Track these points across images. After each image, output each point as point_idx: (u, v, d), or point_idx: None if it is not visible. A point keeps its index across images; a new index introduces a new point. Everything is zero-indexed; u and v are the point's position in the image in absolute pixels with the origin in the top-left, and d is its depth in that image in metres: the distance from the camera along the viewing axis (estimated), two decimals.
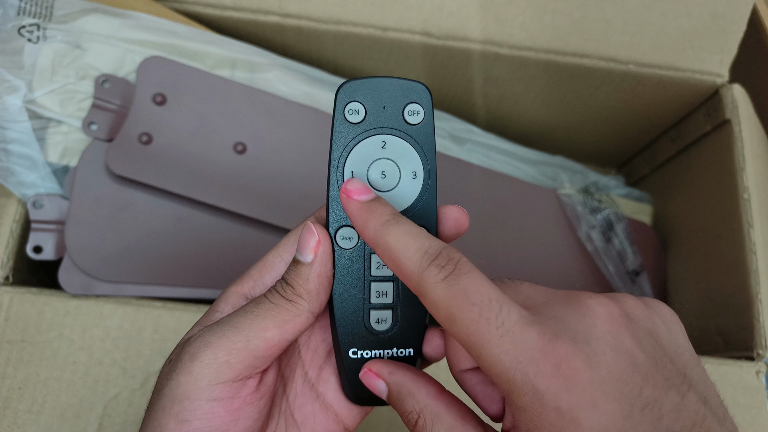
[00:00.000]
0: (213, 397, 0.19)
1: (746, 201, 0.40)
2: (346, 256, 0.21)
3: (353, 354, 0.21)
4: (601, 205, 0.50)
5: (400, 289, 0.21)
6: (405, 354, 0.21)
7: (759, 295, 0.38)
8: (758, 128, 0.45)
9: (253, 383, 0.20)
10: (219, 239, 0.40)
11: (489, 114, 0.52)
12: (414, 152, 0.21)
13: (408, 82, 0.21)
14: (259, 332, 0.19)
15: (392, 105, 0.21)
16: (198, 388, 0.19)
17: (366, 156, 0.21)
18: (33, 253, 0.37)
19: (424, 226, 0.20)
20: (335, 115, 0.21)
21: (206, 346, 0.19)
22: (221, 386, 0.19)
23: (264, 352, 0.19)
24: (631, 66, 0.44)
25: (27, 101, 0.37)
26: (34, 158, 0.37)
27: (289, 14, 0.42)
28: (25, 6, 0.37)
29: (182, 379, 0.19)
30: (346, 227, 0.21)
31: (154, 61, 0.40)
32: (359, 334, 0.21)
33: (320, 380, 0.23)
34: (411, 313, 0.21)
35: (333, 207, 0.21)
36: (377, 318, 0.21)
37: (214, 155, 0.40)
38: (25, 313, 0.35)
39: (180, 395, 0.19)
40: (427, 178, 0.21)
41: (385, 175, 0.21)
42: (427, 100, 0.21)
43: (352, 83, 0.21)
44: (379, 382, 0.20)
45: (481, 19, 0.42)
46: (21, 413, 0.33)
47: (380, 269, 0.21)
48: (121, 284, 0.37)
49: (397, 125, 0.21)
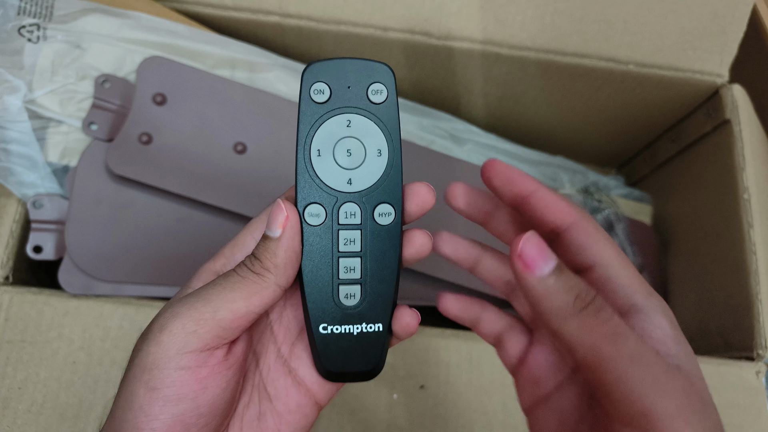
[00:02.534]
0: (181, 365, 0.19)
1: (746, 201, 0.40)
2: (315, 232, 0.21)
3: (323, 329, 0.22)
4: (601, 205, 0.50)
5: (369, 264, 0.22)
6: (374, 329, 0.22)
7: (759, 295, 0.38)
8: (758, 128, 0.45)
9: (220, 354, 0.20)
10: (219, 239, 0.40)
11: (489, 114, 0.52)
12: (378, 130, 0.22)
13: (371, 63, 0.22)
14: (226, 303, 0.20)
15: (356, 85, 0.22)
16: (166, 357, 0.19)
17: (332, 135, 0.22)
18: (33, 253, 0.37)
19: (389, 202, 0.22)
20: (301, 96, 0.21)
21: (174, 317, 0.20)
22: (189, 355, 0.19)
23: (231, 323, 0.20)
24: (632, 66, 0.44)
25: (27, 101, 0.37)
26: (34, 158, 0.37)
27: (289, 14, 0.42)
28: (25, 6, 0.37)
29: (152, 349, 0.19)
30: (313, 204, 0.21)
31: (154, 61, 0.40)
32: (329, 309, 0.22)
33: (293, 356, 0.23)
34: (379, 288, 0.22)
35: (301, 185, 0.21)
36: (346, 293, 0.22)
37: (214, 155, 0.40)
38: (25, 313, 0.35)
39: (149, 364, 0.19)
40: (392, 156, 0.22)
41: (351, 153, 0.22)
42: (390, 80, 0.22)
43: (317, 64, 0.21)
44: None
45: (482, 19, 0.42)
46: (20, 413, 0.33)
47: (348, 245, 0.22)
48: (120, 284, 0.37)
49: (361, 104, 0.22)
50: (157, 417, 0.19)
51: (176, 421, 0.19)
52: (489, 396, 0.36)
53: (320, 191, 0.22)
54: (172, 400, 0.19)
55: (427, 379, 0.37)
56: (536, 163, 0.52)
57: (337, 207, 0.22)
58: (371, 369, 0.22)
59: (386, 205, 0.22)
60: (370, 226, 0.22)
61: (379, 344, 0.22)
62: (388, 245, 0.22)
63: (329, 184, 0.22)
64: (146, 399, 0.19)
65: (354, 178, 0.22)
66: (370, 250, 0.22)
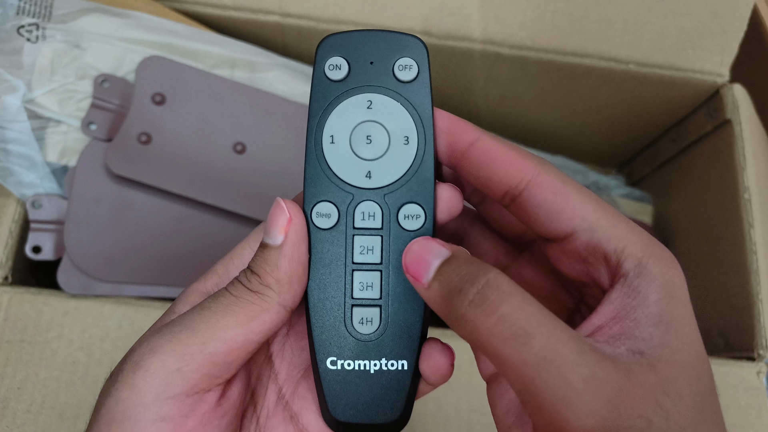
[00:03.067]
0: (160, 416, 0.15)
1: (747, 201, 0.40)
2: (324, 238, 0.17)
3: (332, 364, 0.17)
4: None
5: (391, 280, 0.17)
6: (397, 367, 0.17)
7: (759, 295, 0.38)
8: (759, 128, 0.45)
9: (212, 398, 0.16)
10: (218, 239, 0.40)
11: (489, 114, 0.52)
12: (406, 113, 0.18)
13: (399, 35, 0.18)
14: (217, 332, 0.16)
15: (381, 60, 0.18)
16: (141, 404, 0.15)
17: (348, 118, 0.18)
18: (32, 253, 0.37)
19: (418, 202, 0.17)
20: (314, 73, 0.18)
21: (152, 353, 0.15)
22: (171, 402, 0.15)
23: (225, 356, 0.16)
24: (632, 66, 0.43)
25: (26, 101, 0.37)
26: (33, 158, 0.37)
27: (289, 14, 0.42)
28: (24, 5, 0.37)
29: (123, 395, 0.15)
30: (324, 202, 0.17)
31: (153, 60, 0.39)
32: (339, 338, 0.17)
33: (296, 398, 0.19)
34: (404, 312, 0.17)
35: (309, 179, 0.18)
36: (361, 317, 0.17)
37: (214, 155, 0.40)
38: (24, 313, 0.35)
39: (119, 415, 0.15)
40: (422, 145, 0.17)
41: (371, 140, 0.18)
42: (422, 55, 0.18)
43: (334, 36, 0.18)
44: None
45: (482, 18, 0.42)
46: (20, 413, 0.33)
47: (365, 255, 0.17)
48: (120, 284, 0.37)
49: (385, 83, 0.18)
50: None
51: None
52: None
53: (332, 186, 0.17)
54: None
55: None
56: None
57: (353, 206, 0.17)
58: (392, 421, 0.17)
59: (414, 205, 0.17)
60: (393, 231, 0.17)
61: (403, 388, 0.17)
62: None
63: (343, 177, 0.18)
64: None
65: (374, 171, 0.17)
66: (393, 263, 0.17)
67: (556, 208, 0.16)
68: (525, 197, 0.17)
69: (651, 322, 0.15)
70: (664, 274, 0.16)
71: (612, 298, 0.16)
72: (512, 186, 0.17)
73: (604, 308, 0.16)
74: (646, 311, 0.15)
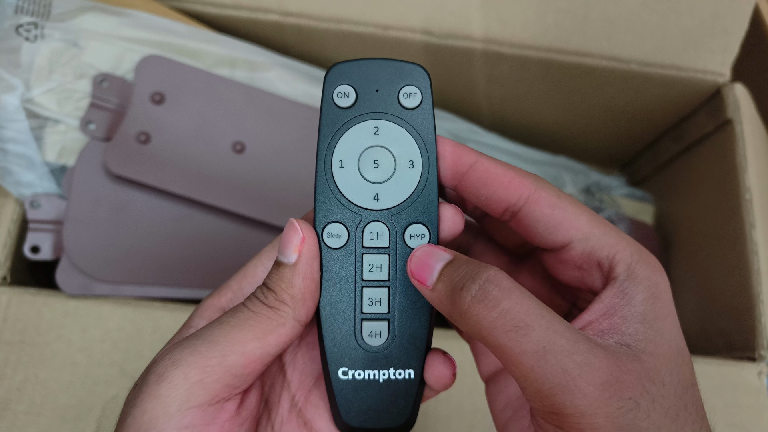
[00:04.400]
0: (184, 424, 0.16)
1: (748, 201, 0.40)
2: (335, 257, 0.19)
3: (343, 374, 0.19)
4: (603, 205, 0.50)
5: (398, 296, 0.19)
6: (404, 376, 0.19)
7: (761, 295, 0.38)
8: (760, 128, 0.45)
9: (232, 407, 0.17)
10: (218, 239, 0.40)
11: (491, 114, 0.52)
12: (410, 139, 0.19)
13: (403, 64, 0.19)
14: (236, 346, 0.17)
15: (386, 88, 0.19)
16: (166, 414, 0.16)
17: (357, 143, 0.19)
18: (30, 253, 0.37)
19: (423, 223, 0.19)
20: (323, 100, 0.19)
21: (175, 365, 0.17)
22: (194, 411, 0.16)
23: (243, 368, 0.17)
24: (634, 65, 0.43)
25: (24, 100, 0.37)
26: (32, 158, 0.37)
27: (289, 13, 0.42)
28: (22, 4, 0.37)
29: (147, 406, 0.16)
30: (334, 223, 0.19)
31: (152, 59, 0.39)
32: (350, 350, 0.19)
33: (308, 405, 0.20)
34: (410, 325, 0.19)
35: (320, 201, 0.19)
36: (371, 331, 0.19)
37: (213, 155, 0.40)
38: (24, 314, 0.35)
39: (145, 425, 0.16)
40: (426, 168, 0.19)
41: (378, 164, 0.19)
42: (425, 83, 0.19)
43: (341, 65, 0.19)
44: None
45: (483, 18, 0.42)
46: (20, 414, 0.33)
47: (373, 272, 0.19)
48: (119, 285, 0.37)
49: (391, 109, 0.19)
50: None
51: None
52: None
53: (342, 208, 0.19)
54: None
55: None
56: (539, 162, 0.52)
57: (362, 227, 0.19)
58: (400, 425, 0.19)
59: (419, 225, 0.19)
60: (400, 250, 0.19)
61: (410, 394, 0.19)
62: None
63: (353, 200, 0.19)
64: None
65: (381, 193, 0.19)
66: (399, 279, 0.19)
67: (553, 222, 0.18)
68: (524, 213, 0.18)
69: (637, 319, 0.17)
70: (650, 278, 0.18)
71: (603, 297, 0.17)
72: (511, 203, 0.18)
73: (595, 306, 0.17)
74: (632, 310, 0.17)
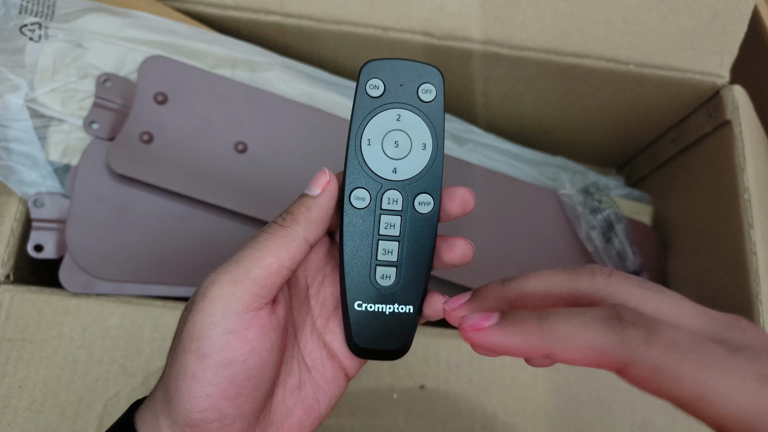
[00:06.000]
0: (227, 329, 0.20)
1: (747, 201, 0.40)
2: (358, 215, 0.23)
3: (358, 306, 0.23)
4: (601, 205, 0.50)
5: (405, 248, 0.23)
6: (405, 310, 0.23)
7: (759, 295, 0.38)
8: (759, 129, 0.45)
9: (264, 314, 0.21)
10: (220, 238, 0.40)
11: (489, 114, 0.52)
12: (425, 126, 0.23)
13: (423, 65, 0.23)
14: (257, 261, 0.21)
15: (408, 83, 0.23)
16: (212, 323, 0.20)
17: (382, 126, 0.23)
18: (34, 251, 0.37)
19: (429, 193, 0.23)
20: (357, 90, 0.23)
21: (212, 284, 0.21)
22: (233, 318, 0.20)
23: (265, 280, 0.21)
24: (632, 66, 0.44)
25: (28, 100, 0.37)
26: (36, 157, 0.37)
27: (290, 14, 0.42)
28: (26, 5, 0.37)
29: (197, 318, 0.20)
30: (359, 189, 0.23)
31: (155, 60, 0.40)
32: (365, 288, 0.23)
33: (327, 330, 0.25)
34: (413, 272, 0.23)
35: (350, 170, 0.23)
36: (382, 274, 0.23)
37: (215, 154, 0.40)
38: (26, 312, 0.35)
39: (197, 333, 0.20)
40: (435, 150, 0.23)
41: (398, 144, 0.23)
42: (440, 82, 0.23)
43: (374, 63, 0.23)
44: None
45: (482, 19, 0.42)
46: (21, 411, 0.33)
47: (388, 229, 0.23)
48: (121, 283, 0.37)
49: (411, 101, 0.23)
50: (211, 383, 0.20)
51: (230, 384, 0.20)
52: (489, 396, 0.36)
53: (367, 177, 0.23)
54: (224, 365, 0.20)
55: (427, 379, 0.37)
56: (536, 163, 0.52)
57: (381, 193, 0.23)
58: (399, 348, 0.24)
59: (426, 195, 0.23)
60: (409, 213, 0.23)
61: (408, 325, 0.23)
62: (424, 233, 0.23)
63: (376, 171, 0.23)
64: (198, 367, 0.20)
65: (399, 167, 0.23)
66: (407, 236, 0.23)
67: None
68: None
69: None
70: None
71: None
72: None
73: None
74: None
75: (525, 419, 0.36)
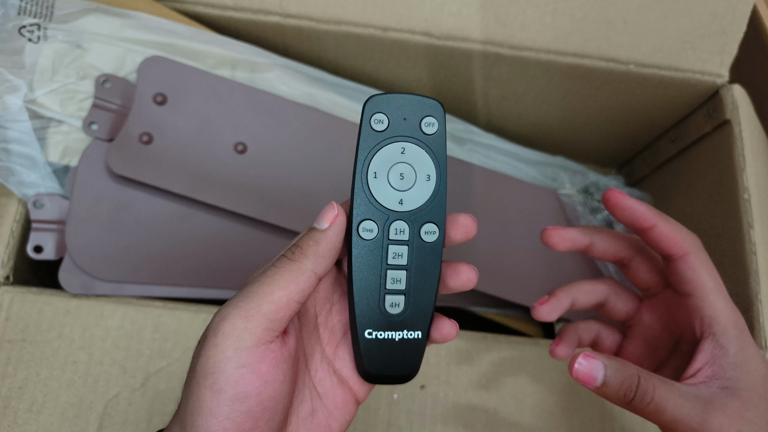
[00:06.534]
0: (241, 363, 0.20)
1: (746, 201, 0.40)
2: (367, 246, 0.24)
3: (368, 334, 0.24)
4: (601, 205, 0.50)
5: (413, 277, 0.24)
6: (414, 336, 0.24)
7: (759, 295, 0.38)
8: (758, 129, 0.45)
9: (276, 347, 0.21)
10: (220, 239, 0.40)
11: (489, 114, 0.52)
12: (429, 158, 0.24)
13: (425, 99, 0.24)
14: (267, 296, 0.21)
15: (411, 117, 0.24)
16: (225, 358, 0.20)
17: (387, 159, 0.24)
18: (33, 252, 0.37)
19: (435, 222, 0.24)
20: (362, 124, 0.24)
21: (223, 319, 0.21)
22: (246, 352, 0.20)
23: (276, 314, 0.21)
24: (632, 66, 0.44)
25: (27, 101, 0.37)
26: (35, 158, 0.37)
27: (289, 14, 0.42)
28: (25, 6, 0.37)
29: (210, 353, 0.20)
30: (367, 220, 0.24)
31: (154, 60, 0.40)
32: (375, 316, 0.24)
33: (336, 357, 0.25)
34: (421, 298, 0.24)
35: (357, 202, 0.24)
36: (391, 302, 0.24)
37: (215, 155, 0.40)
38: (26, 313, 0.35)
39: (210, 368, 0.20)
40: (439, 181, 0.24)
41: (403, 176, 0.24)
42: (441, 115, 0.24)
43: (377, 97, 0.24)
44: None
45: (482, 19, 0.42)
46: (21, 413, 0.33)
47: (395, 259, 0.24)
48: (121, 284, 0.37)
49: (415, 134, 0.24)
50: (227, 417, 0.20)
51: (246, 418, 0.20)
52: (489, 395, 0.36)
53: (374, 209, 0.24)
54: (239, 399, 0.20)
55: (427, 379, 0.37)
56: (536, 163, 0.52)
57: (389, 224, 0.24)
58: (408, 373, 0.25)
59: (432, 224, 0.24)
60: (416, 242, 0.24)
61: (417, 350, 0.24)
62: (431, 260, 0.24)
63: (382, 203, 0.24)
64: (214, 402, 0.20)
65: (405, 199, 0.24)
66: (415, 264, 0.24)
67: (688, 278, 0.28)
68: (677, 263, 0.28)
69: (731, 367, 0.25)
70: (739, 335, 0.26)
71: (704, 348, 0.26)
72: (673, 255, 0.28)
73: (700, 356, 0.26)
74: (728, 360, 0.26)
75: (525, 419, 0.36)
